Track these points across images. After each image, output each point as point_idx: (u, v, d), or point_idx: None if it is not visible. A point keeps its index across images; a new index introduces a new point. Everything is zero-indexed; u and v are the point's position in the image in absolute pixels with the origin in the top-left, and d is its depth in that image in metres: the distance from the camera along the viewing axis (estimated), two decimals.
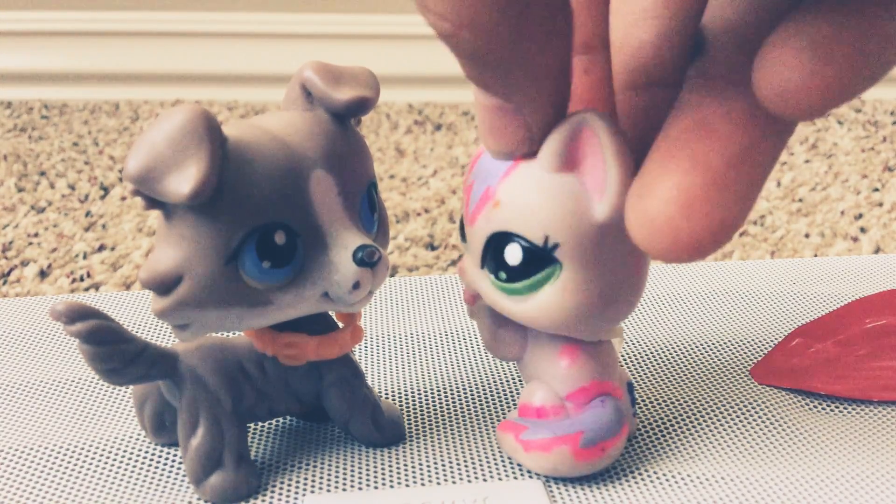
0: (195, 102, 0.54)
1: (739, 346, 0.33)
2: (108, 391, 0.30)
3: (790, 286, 0.37)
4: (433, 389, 0.30)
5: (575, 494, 0.24)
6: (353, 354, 0.26)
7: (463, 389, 0.30)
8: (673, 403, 0.29)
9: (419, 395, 0.29)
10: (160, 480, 0.25)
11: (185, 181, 0.19)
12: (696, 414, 0.28)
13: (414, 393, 0.29)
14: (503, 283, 0.22)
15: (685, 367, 0.31)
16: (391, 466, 0.25)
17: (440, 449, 0.26)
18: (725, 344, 0.33)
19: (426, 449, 0.26)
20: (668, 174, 0.17)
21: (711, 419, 0.28)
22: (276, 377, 0.25)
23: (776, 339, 0.33)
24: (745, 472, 0.25)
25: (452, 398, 0.29)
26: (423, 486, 0.25)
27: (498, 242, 0.22)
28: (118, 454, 0.26)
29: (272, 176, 0.21)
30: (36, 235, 0.53)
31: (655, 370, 0.31)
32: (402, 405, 0.29)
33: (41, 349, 0.32)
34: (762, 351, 0.32)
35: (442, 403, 0.29)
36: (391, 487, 0.24)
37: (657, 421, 0.28)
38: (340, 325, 0.25)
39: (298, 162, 0.21)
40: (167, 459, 0.26)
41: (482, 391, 0.30)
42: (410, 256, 0.51)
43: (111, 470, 0.25)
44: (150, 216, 0.56)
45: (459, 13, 0.16)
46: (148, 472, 0.25)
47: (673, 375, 0.31)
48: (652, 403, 0.29)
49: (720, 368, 0.31)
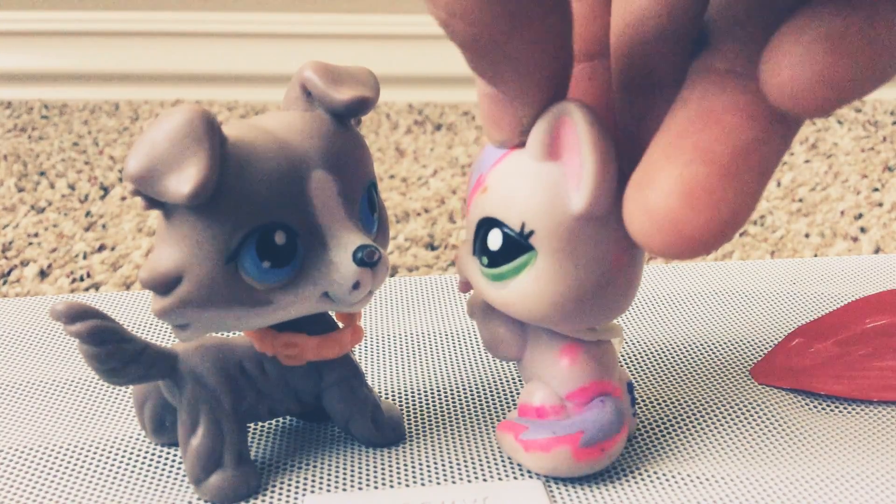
0: (195, 102, 0.54)
1: (739, 346, 0.33)
2: (108, 391, 0.30)
3: (790, 286, 0.37)
4: (433, 389, 0.30)
5: (575, 494, 0.24)
6: (353, 354, 0.26)
7: (463, 389, 0.30)
8: (673, 403, 0.29)
9: (419, 395, 0.29)
10: (160, 480, 0.25)
11: (185, 181, 0.19)
12: (696, 414, 0.28)
13: (414, 393, 0.29)
14: (486, 268, 0.22)
15: (685, 367, 0.31)
16: (391, 466, 0.25)
17: (440, 449, 0.26)
18: (725, 344, 0.33)
19: (426, 449, 0.26)
20: (670, 165, 0.16)
21: (711, 419, 0.28)
22: (276, 377, 0.25)
23: (776, 339, 0.33)
24: (745, 472, 0.25)
25: (452, 398, 0.29)
26: (423, 486, 0.25)
27: (485, 228, 0.22)
28: (118, 454, 0.26)
29: (272, 176, 0.21)
30: (36, 235, 0.53)
31: (655, 370, 0.31)
32: (402, 405, 0.29)
33: (41, 349, 0.32)
34: (762, 351, 0.32)
35: (442, 403, 0.29)
36: (391, 487, 0.24)
37: (657, 421, 0.28)
38: (340, 325, 0.25)
39: (298, 162, 0.21)
40: (167, 459, 0.26)
41: (482, 391, 0.30)
42: (410, 256, 0.51)
43: (111, 470, 0.25)
44: (150, 216, 0.56)
45: (452, 3, 0.16)
46: (148, 472, 0.25)
47: (673, 375, 0.31)
48: (652, 403, 0.29)
49: (720, 368, 0.31)
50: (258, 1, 0.89)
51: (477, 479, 0.25)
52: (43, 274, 0.48)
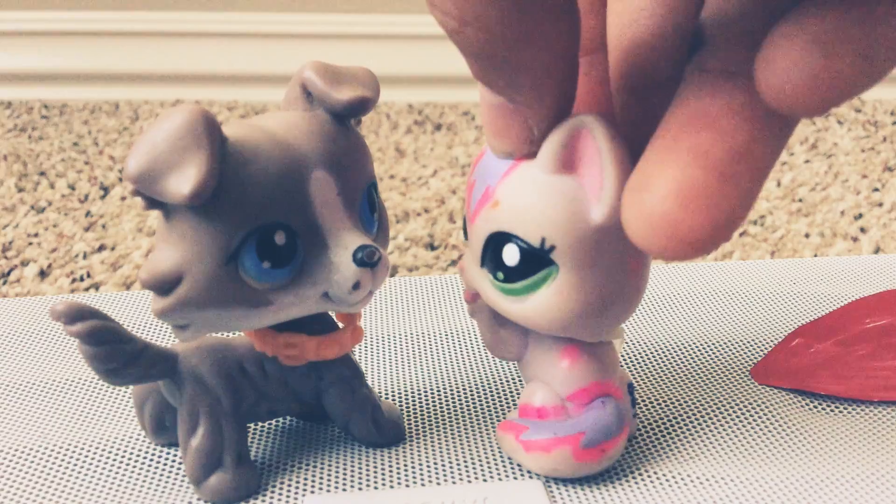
0: (195, 102, 0.54)
1: (739, 346, 0.33)
2: (108, 391, 0.30)
3: (790, 286, 0.37)
4: (433, 389, 0.30)
5: (575, 494, 0.24)
6: (353, 354, 0.26)
7: (463, 389, 0.30)
8: (673, 403, 0.29)
9: (419, 395, 0.29)
10: (160, 480, 0.25)
11: (185, 181, 0.19)
12: (696, 414, 0.28)
13: (414, 393, 0.29)
14: (501, 283, 0.22)
15: (685, 367, 0.31)
16: (391, 466, 0.25)
17: (440, 449, 0.26)
18: (725, 344, 0.33)
19: (426, 449, 0.26)
20: (666, 167, 0.16)
21: (711, 419, 0.28)
22: (276, 377, 0.25)
23: (776, 339, 0.33)
24: (745, 472, 0.25)
25: (452, 398, 0.29)
26: (423, 486, 0.25)
27: (496, 242, 0.22)
28: (118, 454, 0.26)
29: (272, 176, 0.21)
30: (36, 235, 0.53)
31: (655, 370, 0.31)
32: (402, 405, 0.29)
33: (41, 349, 0.32)
34: (762, 351, 0.32)
35: (442, 403, 0.29)
36: (391, 487, 0.24)
37: (657, 421, 0.28)
38: (340, 325, 0.25)
39: (298, 162, 0.21)
40: (167, 459, 0.26)
41: (482, 391, 0.30)
42: (410, 256, 0.51)
43: (111, 470, 0.25)
44: (150, 216, 0.56)
45: (464, 10, 0.16)
46: (148, 472, 0.25)
47: (673, 375, 0.31)
48: (652, 403, 0.29)
49: (720, 368, 0.31)
50: (258, 1, 0.89)
51: (477, 479, 0.25)
52: (43, 274, 0.48)
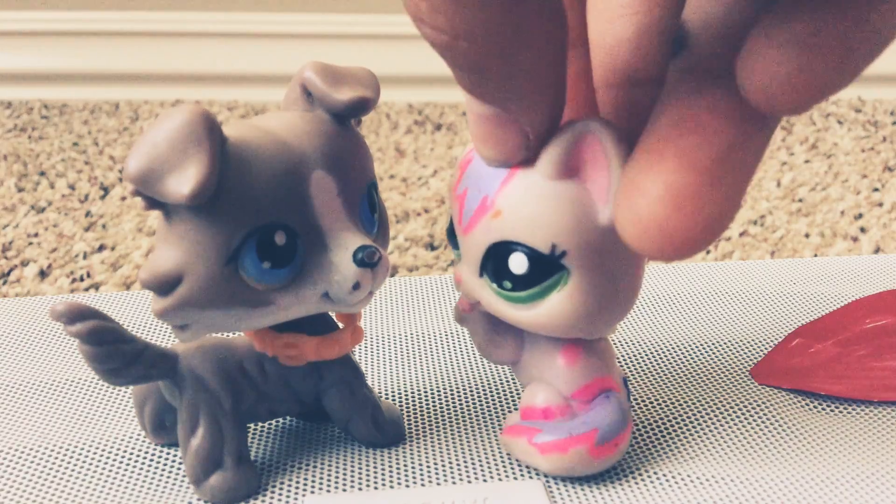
0: (195, 102, 0.54)
1: (739, 346, 0.33)
2: (108, 391, 0.30)
3: (790, 286, 0.37)
4: (433, 389, 0.30)
5: (575, 494, 0.24)
6: (353, 355, 0.26)
7: (463, 389, 0.30)
8: (673, 403, 0.29)
9: (419, 395, 0.29)
10: (160, 480, 0.25)
11: (185, 182, 0.19)
12: (696, 414, 0.28)
13: (414, 393, 0.29)
14: (508, 292, 0.22)
15: (685, 367, 0.31)
16: (391, 466, 0.25)
17: (440, 449, 0.26)
18: (725, 344, 0.33)
19: (426, 449, 0.26)
20: (655, 172, 0.17)
21: (711, 419, 0.28)
22: (276, 377, 0.25)
23: (776, 339, 0.33)
24: (745, 472, 0.25)
25: (452, 398, 0.29)
26: (423, 486, 0.25)
27: (500, 252, 0.22)
28: (118, 454, 0.26)
29: (272, 176, 0.21)
30: (36, 235, 0.53)
31: (655, 370, 0.31)
32: (402, 405, 0.29)
33: (41, 349, 0.32)
34: (762, 351, 0.32)
35: (442, 403, 0.29)
36: (391, 487, 0.24)
37: (657, 421, 0.28)
38: (340, 325, 0.25)
39: (298, 162, 0.21)
40: (167, 459, 0.26)
41: (482, 391, 0.30)
42: (410, 256, 0.51)
43: (111, 470, 0.25)
44: (150, 216, 0.56)
45: (454, 25, 0.15)
46: (148, 472, 0.25)
47: (673, 375, 0.31)
48: (652, 403, 0.29)
49: (720, 368, 0.31)
50: (258, 1, 0.89)
51: (477, 479, 0.25)
52: (43, 274, 0.48)
